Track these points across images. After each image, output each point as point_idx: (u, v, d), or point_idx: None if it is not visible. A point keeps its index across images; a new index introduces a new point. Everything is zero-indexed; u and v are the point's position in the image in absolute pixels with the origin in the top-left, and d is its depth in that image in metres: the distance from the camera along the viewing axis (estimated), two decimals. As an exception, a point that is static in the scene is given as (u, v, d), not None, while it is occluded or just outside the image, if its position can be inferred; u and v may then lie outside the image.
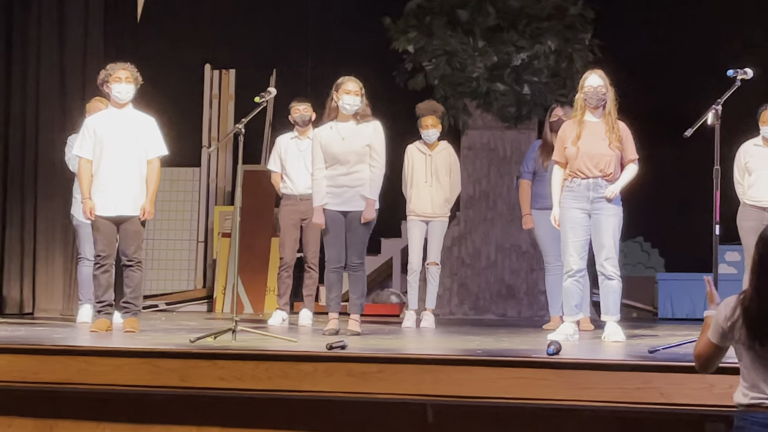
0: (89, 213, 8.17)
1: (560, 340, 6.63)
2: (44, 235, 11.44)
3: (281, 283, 9.77)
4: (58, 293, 11.43)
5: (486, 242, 12.17)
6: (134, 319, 8.23)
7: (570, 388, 5.59)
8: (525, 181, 9.74)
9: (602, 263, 7.65)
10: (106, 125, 8.29)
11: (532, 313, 11.87)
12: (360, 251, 8.27)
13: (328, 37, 13.05)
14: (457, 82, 12.02)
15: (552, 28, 11.87)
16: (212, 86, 13.77)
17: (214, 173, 13.61)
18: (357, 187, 8.23)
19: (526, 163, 9.79)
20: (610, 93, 7.72)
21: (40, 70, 11.57)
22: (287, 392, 5.98)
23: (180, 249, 13.44)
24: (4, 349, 6.43)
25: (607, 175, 7.65)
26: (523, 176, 9.78)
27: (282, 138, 10.01)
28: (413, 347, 7.48)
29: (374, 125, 8.32)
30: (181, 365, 6.15)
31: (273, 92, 8.25)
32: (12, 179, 11.52)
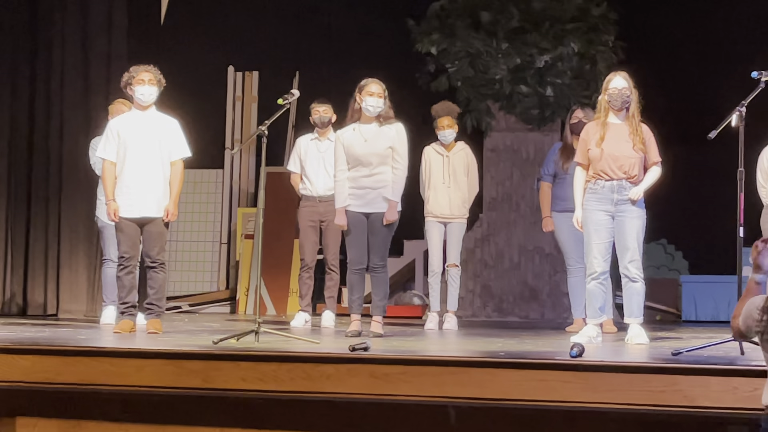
0: (113, 215, 8.20)
1: (583, 342, 6.62)
2: (68, 237, 11.49)
3: (302, 284, 9.78)
4: (81, 294, 11.47)
5: (509, 244, 12.15)
6: (157, 321, 8.26)
7: (593, 390, 5.58)
8: (545, 184, 9.72)
9: (626, 265, 7.62)
10: (130, 127, 8.31)
11: (555, 315, 11.85)
12: (382, 253, 8.27)
13: (350, 39, 13.05)
14: (480, 83, 12.00)
15: (575, 29, 11.84)
16: (235, 88, 13.80)
17: (237, 175, 13.63)
18: (379, 188, 8.23)
19: (546, 166, 9.77)
20: (634, 95, 7.69)
21: (64, 72, 11.62)
22: (310, 394, 5.98)
23: (203, 250, 13.47)
24: (29, 350, 6.46)
25: (631, 177, 7.62)
26: (544, 178, 9.75)
27: (302, 139, 10.02)
28: (436, 349, 7.47)
29: (397, 127, 8.32)
30: (204, 366, 6.16)
31: (296, 94, 8.26)
32: (36, 181, 11.58)
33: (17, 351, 6.46)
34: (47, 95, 11.63)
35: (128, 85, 8.35)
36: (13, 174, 11.56)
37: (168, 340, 7.45)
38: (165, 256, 8.37)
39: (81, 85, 11.64)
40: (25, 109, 11.62)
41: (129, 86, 8.35)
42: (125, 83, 8.38)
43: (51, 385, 6.35)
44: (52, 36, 11.69)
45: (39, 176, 11.58)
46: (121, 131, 8.30)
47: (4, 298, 11.43)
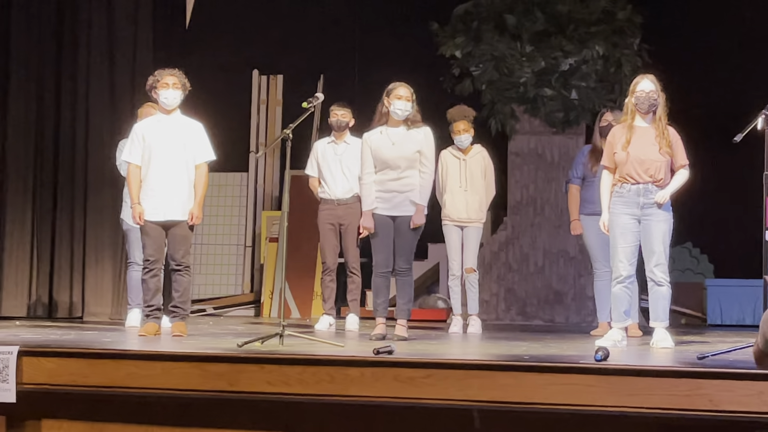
0: (138, 218, 8.23)
1: (608, 346, 6.60)
2: (93, 240, 11.54)
3: (325, 287, 9.78)
4: (107, 297, 11.52)
5: (533, 248, 12.14)
6: (182, 324, 8.28)
7: (618, 394, 5.56)
8: (574, 186, 9.69)
9: (652, 269, 7.60)
10: (155, 131, 8.34)
11: (580, 319, 11.82)
12: (408, 256, 8.27)
13: (375, 43, 13.07)
14: (504, 87, 11.99)
15: (600, 32, 11.83)
16: (260, 92, 13.84)
17: (262, 178, 13.66)
18: (406, 192, 8.23)
19: (575, 168, 9.74)
20: (661, 98, 7.66)
21: (89, 76, 11.68)
22: (334, 397, 5.98)
23: (228, 254, 13.50)
24: (55, 353, 6.48)
25: (657, 181, 7.60)
26: (572, 181, 9.72)
27: (319, 142, 10.03)
28: (460, 352, 7.46)
29: (425, 131, 8.32)
30: (228, 369, 6.17)
31: (320, 97, 8.26)
32: (62, 185, 11.63)
33: (43, 353, 6.48)
34: (73, 99, 11.69)
35: (153, 88, 8.38)
36: (39, 177, 11.61)
37: (193, 343, 7.47)
38: (190, 259, 8.39)
39: (106, 88, 11.70)
40: (51, 113, 11.68)
41: (154, 90, 8.38)
42: (150, 87, 8.41)
43: (76, 387, 6.37)
44: (77, 41, 11.75)
45: (65, 179, 11.63)
46: (146, 135, 8.33)
47: (30, 300, 11.49)
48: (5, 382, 6.38)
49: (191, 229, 8.37)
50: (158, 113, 8.51)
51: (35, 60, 11.65)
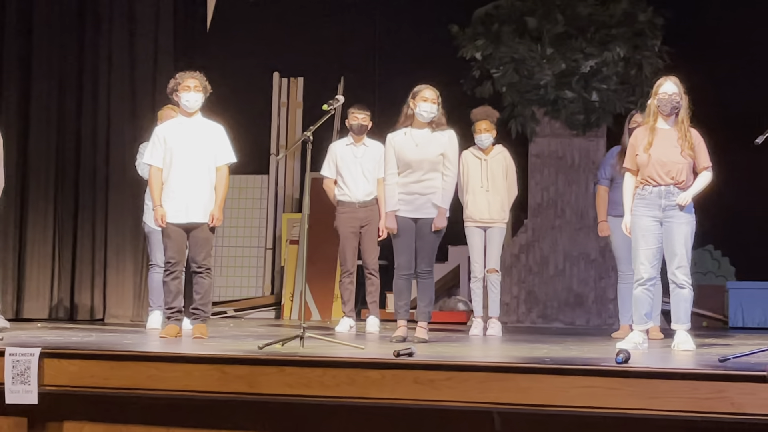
0: (160, 220, 8.24)
1: (629, 348, 6.57)
2: (114, 242, 11.57)
3: (344, 290, 9.78)
4: (128, 299, 11.55)
5: (554, 250, 12.12)
6: (203, 326, 8.29)
7: (639, 397, 5.55)
8: (602, 188, 9.67)
9: (674, 271, 7.57)
10: (176, 133, 8.35)
11: (601, 321, 11.80)
12: (429, 259, 8.26)
13: (395, 45, 13.08)
14: (524, 89, 11.99)
15: (621, 35, 11.81)
16: (281, 94, 13.86)
17: (283, 180, 13.68)
18: (428, 194, 8.22)
19: (603, 169, 9.72)
20: (684, 101, 7.63)
21: (111, 78, 11.73)
22: (355, 399, 5.98)
23: (248, 256, 13.52)
24: (76, 355, 6.50)
25: (678, 183, 7.57)
26: (601, 182, 9.70)
27: (336, 144, 10.01)
28: (480, 355, 7.45)
29: (449, 134, 8.31)
30: (249, 371, 6.17)
31: (341, 100, 8.25)
32: (83, 187, 11.67)
33: (65, 356, 6.50)
34: (94, 102, 11.73)
35: (174, 91, 8.40)
36: (61, 180, 11.66)
37: (213, 345, 7.48)
38: (211, 262, 8.40)
39: (127, 91, 11.74)
40: (72, 117, 11.72)
41: (175, 93, 8.39)
42: (171, 90, 8.43)
43: (98, 389, 6.39)
44: (98, 45, 11.78)
45: (86, 182, 11.68)
46: (167, 137, 8.35)
47: (52, 302, 11.53)
48: (27, 383, 6.40)
49: (212, 231, 8.39)
50: (179, 116, 8.53)
51: (57, 65, 11.69)
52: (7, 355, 6.44)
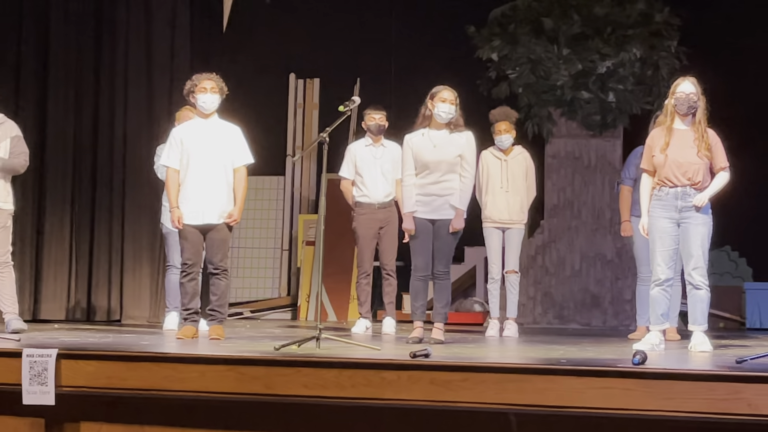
0: (177, 222, 8.25)
1: (646, 349, 6.57)
2: (131, 244, 11.60)
3: (361, 291, 9.77)
4: (145, 301, 11.58)
5: (570, 251, 12.10)
6: (220, 327, 8.30)
7: (655, 398, 5.54)
8: (626, 188, 9.66)
9: (690, 273, 7.55)
10: (193, 135, 8.37)
11: (617, 322, 11.78)
12: (446, 260, 8.26)
13: (411, 46, 13.08)
14: (541, 90, 11.97)
15: (637, 35, 11.78)
16: (296, 95, 13.88)
17: (299, 182, 13.69)
18: (446, 196, 8.21)
19: (627, 169, 9.70)
20: (701, 102, 7.61)
21: (127, 79, 11.76)
22: (371, 400, 5.98)
23: (264, 257, 13.54)
24: (93, 356, 6.52)
25: (695, 184, 7.55)
26: (624, 182, 9.68)
27: (355, 145, 10.00)
28: (496, 356, 7.45)
29: (467, 135, 8.30)
30: (265, 372, 6.18)
31: (357, 101, 8.25)
32: (100, 189, 11.71)
33: (82, 357, 6.52)
34: (111, 103, 11.77)
35: (191, 93, 8.40)
36: (78, 181, 11.70)
37: (230, 346, 7.49)
38: (228, 263, 8.41)
39: (144, 93, 11.77)
40: (89, 118, 11.76)
41: (191, 94, 8.40)
42: (188, 91, 8.44)
43: (115, 390, 6.40)
44: (115, 46, 11.82)
45: (103, 183, 11.71)
46: (184, 139, 8.36)
47: (69, 303, 11.56)
48: (44, 384, 6.42)
49: (230, 230, 8.39)
50: (196, 117, 8.54)
51: (74, 66, 11.73)
52: (25, 357, 6.46)
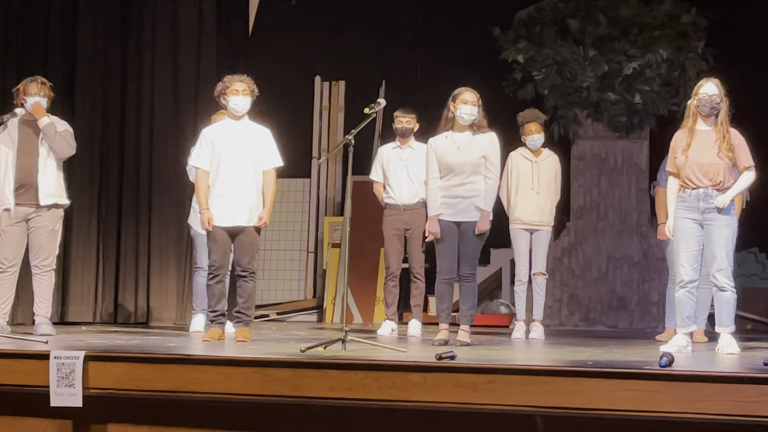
0: (207, 223, 8.25)
1: (673, 351, 6.55)
2: (158, 246, 11.63)
3: (388, 293, 9.79)
4: (171, 303, 11.60)
5: (597, 253, 12.07)
6: (246, 329, 8.31)
7: (683, 400, 5.52)
8: (662, 189, 9.62)
9: (714, 274, 7.53)
10: (224, 136, 8.37)
11: (644, 324, 11.74)
12: (472, 262, 8.25)
13: (437, 48, 13.07)
14: (567, 91, 11.95)
15: (664, 36, 11.75)
16: (322, 98, 13.88)
17: (324, 184, 13.70)
18: (471, 197, 8.20)
19: (663, 171, 9.66)
20: (724, 104, 7.58)
21: (154, 82, 11.79)
22: (397, 402, 5.98)
23: (290, 259, 13.56)
24: (120, 358, 6.54)
25: (717, 185, 7.51)
26: (660, 184, 9.64)
27: (384, 148, 10.05)
28: (523, 358, 7.44)
29: (490, 136, 8.29)
30: (291, 375, 6.19)
31: (382, 103, 8.25)
32: (127, 191, 11.74)
33: (109, 359, 6.54)
34: (137, 106, 11.79)
35: (222, 94, 8.41)
36: (104, 184, 11.72)
37: (256, 348, 7.50)
38: (255, 266, 8.41)
39: (170, 96, 11.80)
40: (116, 120, 11.78)
41: (223, 96, 8.41)
42: (219, 93, 8.44)
43: (141, 392, 6.42)
44: (142, 48, 11.85)
45: (129, 185, 11.74)
46: (215, 140, 8.36)
47: (96, 306, 11.59)
48: (72, 386, 6.45)
49: (258, 233, 8.40)
50: (226, 119, 8.55)
51: (101, 70, 11.75)
52: (52, 359, 6.49)
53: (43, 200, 8.75)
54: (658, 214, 9.71)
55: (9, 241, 8.72)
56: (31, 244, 8.77)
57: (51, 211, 8.80)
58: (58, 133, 8.79)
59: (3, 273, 8.72)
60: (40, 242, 8.74)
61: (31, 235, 8.76)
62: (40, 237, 8.74)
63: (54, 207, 8.82)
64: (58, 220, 8.88)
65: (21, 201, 8.72)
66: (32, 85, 8.85)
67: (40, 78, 8.94)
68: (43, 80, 8.92)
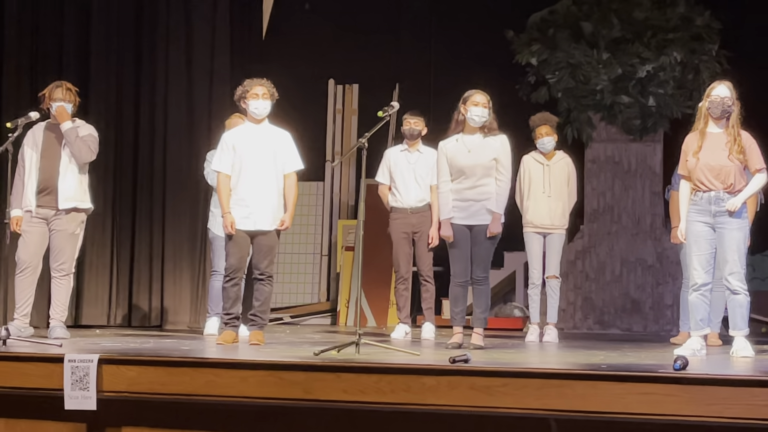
0: (230, 227, 8.26)
1: (687, 355, 6.54)
2: (172, 249, 11.65)
3: (399, 296, 9.80)
4: (185, 306, 11.62)
5: (611, 256, 12.06)
6: (260, 332, 8.31)
7: (697, 404, 5.51)
8: (676, 193, 9.60)
9: (727, 278, 7.52)
10: (245, 140, 8.38)
11: (658, 327, 11.72)
12: (485, 265, 8.24)
13: (450, 51, 13.07)
14: (580, 94, 11.93)
15: (678, 39, 11.72)
16: (336, 101, 13.90)
17: (338, 187, 13.71)
18: (483, 200, 8.19)
19: (677, 174, 9.65)
20: (735, 107, 7.57)
21: (168, 86, 11.81)
22: (410, 405, 5.98)
23: (304, 262, 13.56)
24: (134, 361, 6.55)
25: (728, 187, 7.51)
26: (674, 187, 9.63)
27: (391, 150, 10.05)
28: (537, 361, 7.43)
29: (501, 139, 8.27)
30: (305, 378, 6.19)
31: (396, 106, 8.25)
32: (141, 194, 11.76)
33: (123, 362, 6.55)
34: (151, 110, 11.82)
35: (242, 98, 8.42)
36: (118, 186, 11.75)
37: (270, 351, 7.51)
38: (273, 269, 8.42)
39: (184, 100, 11.82)
40: (130, 124, 11.82)
41: (243, 100, 8.42)
42: (239, 97, 8.45)
43: (156, 395, 6.43)
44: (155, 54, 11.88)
45: (143, 189, 11.77)
46: (236, 144, 8.37)
47: (110, 309, 11.62)
48: (86, 389, 6.46)
49: (278, 236, 8.40)
50: (246, 123, 8.56)
51: (114, 74, 11.79)
52: (67, 362, 6.51)
53: (62, 204, 8.79)
54: (672, 218, 9.70)
55: (29, 242, 8.78)
56: (52, 247, 8.82)
57: (71, 214, 8.84)
58: (79, 138, 8.84)
59: (20, 274, 8.78)
60: (60, 245, 8.79)
61: (52, 238, 8.82)
62: (59, 240, 8.79)
63: (74, 211, 8.86)
64: (79, 224, 8.91)
65: (42, 204, 8.78)
66: (58, 90, 8.92)
67: (66, 84, 9.00)
68: (69, 86, 8.98)
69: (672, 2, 11.89)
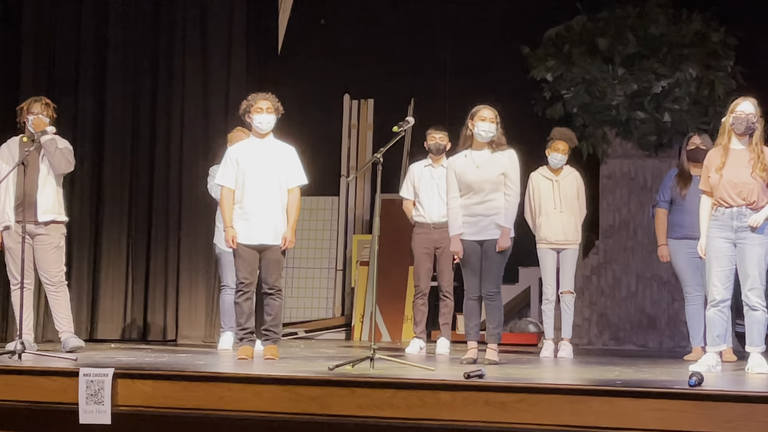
0: (231, 241, 8.28)
1: (702, 371, 6.51)
2: (187, 264, 11.65)
3: (417, 311, 9.79)
4: (200, 320, 11.62)
5: (626, 272, 12.03)
6: (274, 347, 8.32)
7: (713, 420, 5.49)
8: (661, 210, 9.61)
9: (746, 293, 7.50)
10: (248, 155, 8.41)
11: (674, 344, 11.69)
12: (496, 280, 8.24)
13: (465, 66, 13.06)
14: (596, 110, 11.92)
15: (693, 55, 11.71)
16: (351, 116, 13.90)
17: (353, 202, 13.71)
18: (492, 215, 8.20)
19: (662, 192, 9.67)
20: (759, 124, 7.57)
21: (184, 101, 11.83)
22: (425, 421, 5.98)
23: (319, 277, 13.55)
24: (149, 375, 6.56)
25: (750, 204, 7.50)
26: (660, 205, 9.64)
27: (415, 165, 10.05)
28: (551, 377, 7.42)
29: (509, 154, 8.29)
30: (320, 393, 6.20)
31: (411, 121, 8.26)
32: (157, 209, 11.78)
33: (138, 376, 6.57)
34: (167, 124, 11.84)
35: (246, 113, 8.45)
36: (134, 201, 11.78)
37: (284, 366, 7.51)
38: (282, 283, 8.44)
39: (200, 115, 11.84)
40: (145, 140, 11.85)
41: (247, 114, 8.45)
42: (243, 111, 8.48)
43: (170, 410, 6.44)
44: (172, 67, 11.90)
45: (159, 203, 11.79)
46: (240, 159, 8.40)
47: (125, 323, 11.64)
48: (101, 404, 6.47)
49: (283, 254, 8.42)
50: (251, 137, 8.58)
51: (131, 88, 11.82)
52: (82, 376, 6.52)
53: (41, 216, 8.86)
54: (657, 236, 9.68)
55: (16, 257, 8.81)
56: (38, 262, 8.88)
57: (50, 226, 8.91)
58: (59, 149, 8.89)
59: (16, 289, 8.81)
60: (46, 259, 8.87)
61: (37, 252, 8.86)
62: (44, 254, 8.88)
63: (53, 223, 8.92)
64: (60, 236, 8.97)
65: (21, 218, 8.71)
66: (36, 104, 9.00)
67: (45, 98, 9.09)
68: (47, 101, 9.07)
69: (687, 18, 11.87)
